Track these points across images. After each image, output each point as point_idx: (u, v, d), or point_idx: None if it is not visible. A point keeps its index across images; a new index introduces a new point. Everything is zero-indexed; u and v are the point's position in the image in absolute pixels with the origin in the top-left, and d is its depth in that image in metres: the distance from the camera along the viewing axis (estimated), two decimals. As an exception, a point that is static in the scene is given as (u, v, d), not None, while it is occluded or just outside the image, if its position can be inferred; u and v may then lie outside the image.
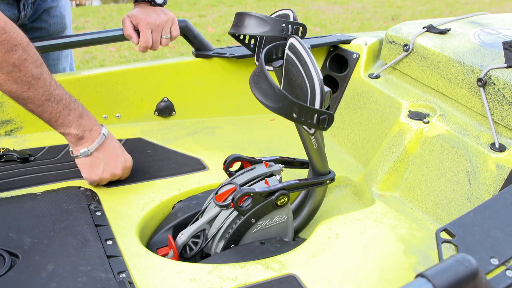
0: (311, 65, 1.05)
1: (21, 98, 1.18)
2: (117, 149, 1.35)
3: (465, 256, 0.70)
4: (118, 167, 1.34)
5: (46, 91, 1.19)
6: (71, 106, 1.26)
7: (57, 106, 1.22)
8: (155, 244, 1.29)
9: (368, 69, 1.82)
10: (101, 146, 1.31)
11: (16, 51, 1.11)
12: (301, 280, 1.09)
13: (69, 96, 1.26)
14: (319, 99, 1.04)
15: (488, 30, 1.70)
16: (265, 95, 1.04)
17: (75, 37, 1.74)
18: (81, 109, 1.28)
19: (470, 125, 1.43)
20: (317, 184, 1.29)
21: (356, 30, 6.63)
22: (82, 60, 5.26)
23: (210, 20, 7.25)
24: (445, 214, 1.34)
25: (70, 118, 1.25)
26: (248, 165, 1.33)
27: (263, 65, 1.04)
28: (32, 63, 1.15)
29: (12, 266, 1.06)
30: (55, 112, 1.23)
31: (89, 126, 1.29)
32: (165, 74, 1.84)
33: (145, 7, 1.66)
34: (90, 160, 1.31)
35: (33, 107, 1.20)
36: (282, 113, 1.03)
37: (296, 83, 1.09)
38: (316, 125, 1.05)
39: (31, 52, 1.16)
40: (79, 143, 1.29)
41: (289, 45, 1.12)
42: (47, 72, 1.21)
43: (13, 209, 1.24)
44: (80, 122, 1.27)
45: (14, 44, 1.11)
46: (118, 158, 1.34)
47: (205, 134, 1.80)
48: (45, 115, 1.23)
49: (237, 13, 1.31)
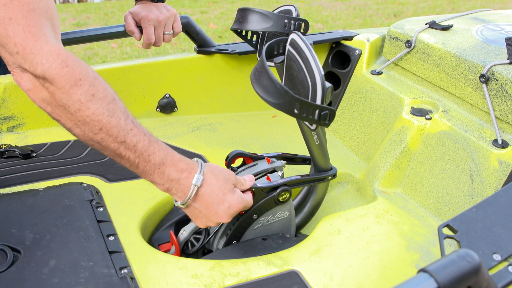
0: (313, 60, 1.05)
1: (95, 141, 1.00)
2: (217, 195, 1.10)
3: (468, 251, 0.70)
4: (222, 216, 1.11)
5: (121, 132, 1.00)
6: (150, 150, 1.03)
7: (134, 151, 1.02)
8: (157, 240, 1.30)
9: (370, 65, 1.82)
10: (196, 197, 1.09)
11: (81, 86, 0.97)
12: (303, 276, 1.09)
13: (148, 137, 1.04)
14: (321, 94, 1.03)
15: (490, 26, 1.70)
16: (267, 91, 1.03)
17: (77, 33, 1.74)
18: (162, 154, 1.05)
19: (473, 121, 1.43)
20: (318, 180, 1.29)
21: (358, 26, 6.62)
22: (83, 57, 5.26)
23: (212, 17, 7.24)
24: (447, 210, 1.34)
25: (149, 166, 1.04)
26: (250, 161, 1.33)
27: (264, 61, 1.04)
28: (102, 99, 0.99)
29: (14, 262, 1.06)
30: (133, 157, 1.02)
31: (176, 175, 1.06)
32: (167, 70, 1.84)
33: (147, 4, 1.66)
34: (190, 211, 1.12)
35: (109, 153, 1.02)
36: (284, 109, 1.02)
37: (298, 79, 1.09)
38: (317, 120, 1.05)
39: (100, 87, 1.00)
40: (171, 193, 1.09)
41: (291, 41, 1.12)
42: (122, 109, 1.02)
43: (15, 205, 1.25)
44: (163, 171, 1.05)
45: (78, 78, 0.97)
46: (219, 206, 1.10)
47: (207, 130, 1.80)
48: (124, 161, 1.03)
49: (240, 9, 1.31)
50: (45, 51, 0.95)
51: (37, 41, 0.94)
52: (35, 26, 0.95)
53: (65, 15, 7.42)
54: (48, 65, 0.94)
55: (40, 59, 0.94)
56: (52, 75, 0.95)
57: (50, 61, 0.94)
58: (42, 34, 0.95)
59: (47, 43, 0.95)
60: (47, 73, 0.94)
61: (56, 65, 0.95)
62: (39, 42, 0.94)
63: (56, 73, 0.95)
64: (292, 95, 1.01)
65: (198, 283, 1.06)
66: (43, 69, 0.94)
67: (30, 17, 0.95)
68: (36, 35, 0.95)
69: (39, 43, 0.94)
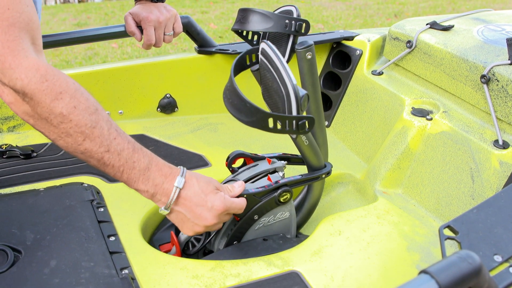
0: (283, 70, 1.04)
1: (79, 152, 1.01)
2: (199, 196, 1.10)
3: (469, 253, 0.70)
4: (206, 217, 1.10)
5: (104, 142, 1.01)
6: (135, 157, 1.05)
7: (118, 158, 1.03)
8: (157, 241, 1.30)
9: (371, 65, 1.82)
10: (178, 200, 1.08)
11: (62, 99, 0.97)
12: (303, 276, 1.09)
13: (132, 144, 1.05)
14: (295, 104, 1.03)
15: (491, 27, 1.70)
16: (238, 109, 1.03)
17: (78, 33, 1.74)
18: (147, 160, 1.06)
19: (474, 122, 1.43)
20: (312, 179, 1.28)
21: (359, 26, 6.62)
22: (84, 57, 5.26)
23: (213, 17, 7.24)
24: (448, 211, 1.34)
25: (134, 172, 1.05)
26: (250, 161, 1.33)
27: (233, 80, 1.04)
28: (84, 110, 0.99)
29: (15, 262, 1.06)
30: (118, 166, 1.04)
31: (160, 180, 1.07)
32: (168, 70, 1.84)
33: (147, 4, 1.65)
34: (176, 217, 1.11)
35: (95, 163, 1.03)
36: (257, 126, 1.02)
37: (273, 88, 1.09)
38: (296, 131, 1.04)
39: (81, 98, 1.00)
40: (155, 200, 1.09)
41: (261, 50, 1.12)
42: (105, 118, 1.03)
43: (16, 205, 1.25)
44: (148, 176, 1.06)
45: (59, 92, 0.97)
46: (202, 207, 1.10)
47: (207, 130, 1.80)
48: (108, 170, 1.04)
49: (240, 9, 1.31)
50: (24, 66, 0.95)
51: (16, 56, 0.95)
52: (14, 41, 0.95)
53: (65, 15, 7.42)
54: (27, 80, 0.95)
55: (19, 74, 0.95)
56: (32, 90, 0.95)
57: (29, 76, 0.95)
58: (21, 49, 0.96)
59: (26, 58, 0.96)
60: (26, 88, 0.95)
61: (36, 80, 0.95)
62: (18, 57, 0.95)
63: (36, 88, 0.95)
64: (263, 111, 1.00)
65: (198, 283, 1.06)
66: (22, 84, 0.95)
67: (9, 32, 0.95)
68: (15, 50, 0.95)
69: (18, 58, 0.95)
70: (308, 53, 1.18)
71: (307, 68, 1.21)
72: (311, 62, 1.20)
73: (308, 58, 1.19)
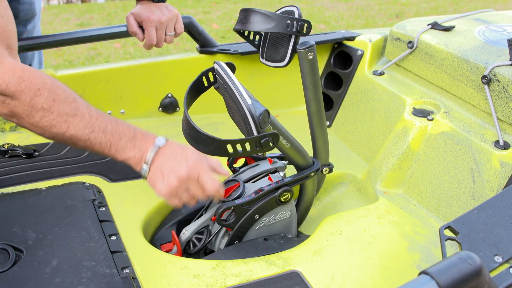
0: (237, 92, 1.05)
1: (66, 139, 1.09)
2: (177, 152, 1.16)
3: (469, 253, 0.70)
4: (181, 167, 1.14)
5: (88, 124, 1.09)
6: (120, 130, 1.13)
7: (104, 135, 1.11)
8: (159, 240, 1.30)
9: (372, 66, 1.82)
10: (157, 156, 1.14)
11: (41, 95, 1.04)
12: (304, 276, 1.09)
13: (114, 120, 1.14)
14: (253, 125, 1.03)
15: (493, 27, 1.70)
16: (195, 140, 1.06)
17: (80, 33, 1.74)
18: (132, 130, 1.15)
19: (475, 123, 1.43)
20: (302, 179, 1.28)
21: (360, 27, 6.61)
22: (87, 57, 5.27)
23: (215, 17, 7.24)
24: (448, 212, 1.34)
25: (122, 143, 1.13)
26: (252, 161, 1.33)
27: (186, 112, 1.06)
28: (62, 101, 1.07)
29: (17, 261, 1.07)
30: (105, 142, 1.11)
31: (145, 144, 1.15)
32: (170, 70, 1.84)
33: (148, 4, 1.66)
34: (151, 175, 1.16)
35: (82, 144, 1.11)
36: (217, 153, 1.04)
37: (233, 108, 1.09)
38: (260, 149, 1.04)
39: (59, 90, 1.07)
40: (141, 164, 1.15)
41: (215, 70, 1.13)
42: (83, 104, 1.11)
43: (18, 204, 1.25)
44: (134, 143, 1.14)
45: (37, 88, 1.04)
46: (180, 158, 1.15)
47: (209, 130, 1.78)
48: (96, 148, 1.11)
49: (242, 9, 1.31)
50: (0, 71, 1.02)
51: None
52: None
53: (68, 15, 7.43)
54: (5, 84, 1.02)
55: None
56: (12, 92, 1.02)
57: (6, 80, 1.02)
58: None
59: (1, 64, 1.03)
60: (6, 91, 1.02)
61: (14, 82, 1.02)
62: None
63: (15, 89, 1.02)
64: (218, 140, 1.01)
65: (199, 283, 1.06)
66: (1, 88, 1.02)
67: None
68: None
69: None
70: (310, 54, 1.19)
71: (308, 68, 1.22)
72: (312, 63, 1.21)
73: (309, 59, 1.20)
